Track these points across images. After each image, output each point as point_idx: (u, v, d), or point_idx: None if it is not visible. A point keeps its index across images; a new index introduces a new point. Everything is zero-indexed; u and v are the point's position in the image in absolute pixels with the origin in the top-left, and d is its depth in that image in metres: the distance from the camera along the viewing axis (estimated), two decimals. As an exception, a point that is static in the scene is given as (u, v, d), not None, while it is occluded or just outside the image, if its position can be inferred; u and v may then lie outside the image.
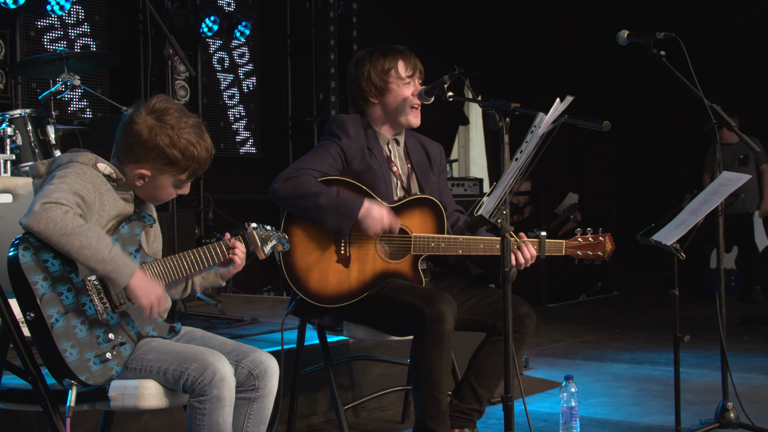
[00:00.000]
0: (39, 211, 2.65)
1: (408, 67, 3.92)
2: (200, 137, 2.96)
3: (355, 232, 3.72)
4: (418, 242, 3.78)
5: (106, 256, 2.71)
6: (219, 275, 3.19)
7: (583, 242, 3.82)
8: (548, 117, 3.02)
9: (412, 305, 3.57)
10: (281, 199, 3.71)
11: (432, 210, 3.83)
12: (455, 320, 3.57)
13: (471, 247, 3.76)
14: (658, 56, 4.03)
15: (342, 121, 3.90)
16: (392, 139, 3.99)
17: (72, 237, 2.66)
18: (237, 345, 3.06)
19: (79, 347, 2.71)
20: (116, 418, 3.34)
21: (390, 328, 3.84)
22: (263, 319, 5.68)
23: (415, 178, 3.98)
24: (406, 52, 3.95)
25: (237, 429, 2.97)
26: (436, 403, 3.58)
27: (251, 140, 8.95)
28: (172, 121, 2.92)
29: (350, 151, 3.84)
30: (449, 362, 3.64)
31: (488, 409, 4.57)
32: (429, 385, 3.57)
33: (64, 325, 2.70)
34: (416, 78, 3.94)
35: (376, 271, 3.78)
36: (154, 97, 2.96)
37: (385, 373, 4.86)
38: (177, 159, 2.92)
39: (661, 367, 5.96)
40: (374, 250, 3.79)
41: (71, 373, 2.70)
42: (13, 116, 5.10)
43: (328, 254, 3.76)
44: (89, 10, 7.45)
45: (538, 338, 7.17)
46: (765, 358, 6.20)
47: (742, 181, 3.85)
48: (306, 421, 4.57)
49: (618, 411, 4.85)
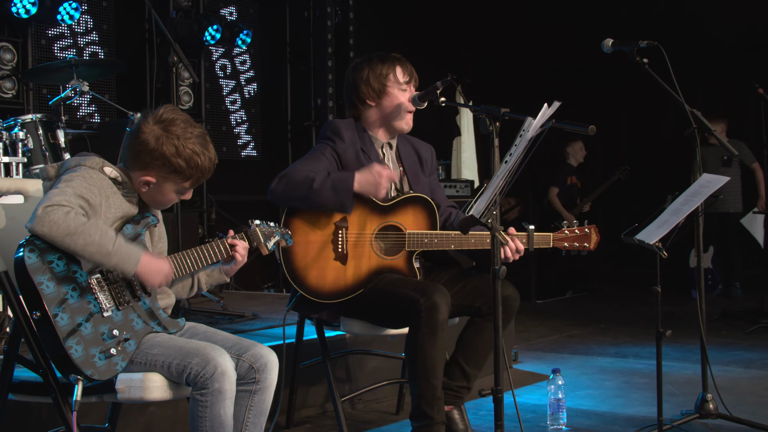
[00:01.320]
0: (41, 215, 2.65)
1: (405, 73, 3.92)
2: (205, 147, 2.96)
3: (351, 228, 3.72)
4: (412, 238, 3.78)
5: (111, 249, 2.71)
6: (223, 272, 3.19)
7: (569, 234, 3.83)
8: (536, 121, 3.02)
9: (407, 297, 3.58)
10: (279, 198, 3.70)
11: (424, 207, 3.84)
12: (449, 310, 3.58)
13: (463, 242, 3.76)
14: (641, 63, 4.04)
15: (336, 125, 3.90)
16: (386, 143, 3.99)
17: (76, 236, 2.66)
18: (238, 340, 3.06)
19: (84, 344, 2.71)
20: (123, 410, 3.35)
21: (386, 321, 3.84)
22: (264, 314, 5.68)
23: (407, 180, 3.99)
24: (403, 60, 3.96)
25: (238, 420, 2.97)
26: (432, 389, 3.60)
27: (252, 144, 8.94)
28: (178, 132, 2.91)
29: (345, 154, 3.84)
30: (443, 351, 3.65)
31: (479, 401, 4.60)
32: (425, 372, 3.58)
33: (70, 323, 2.70)
34: (412, 84, 3.95)
35: (372, 267, 3.78)
36: (162, 107, 2.95)
37: (380, 366, 4.86)
38: (182, 168, 2.92)
39: (644, 361, 5.97)
40: (370, 247, 3.79)
41: (77, 368, 2.69)
42: (25, 121, 5.10)
43: (326, 252, 3.76)
44: (98, 19, 7.45)
45: (527, 333, 7.17)
46: (742, 352, 6.21)
47: (721, 182, 3.85)
48: (305, 412, 4.58)
49: (603, 402, 4.86)
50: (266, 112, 9.17)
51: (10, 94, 6.53)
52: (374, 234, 3.78)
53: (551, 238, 3.82)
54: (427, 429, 3.61)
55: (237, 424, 2.96)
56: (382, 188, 3.66)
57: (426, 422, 3.61)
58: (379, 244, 3.81)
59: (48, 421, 3.47)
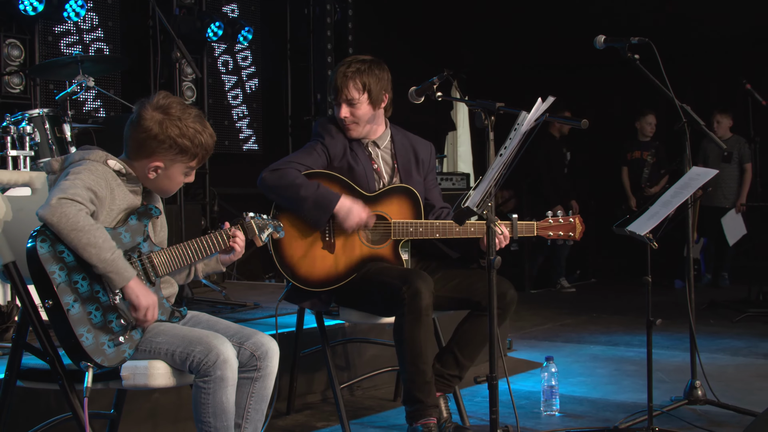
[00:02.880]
0: (55, 204, 2.65)
1: (335, 88, 3.93)
2: (204, 125, 2.99)
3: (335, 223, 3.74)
4: (397, 227, 3.79)
5: (108, 257, 2.71)
6: (220, 262, 3.20)
7: (553, 223, 3.81)
8: (531, 115, 3.02)
9: (390, 285, 3.60)
10: (267, 188, 3.77)
11: (409, 198, 3.85)
12: (432, 296, 3.58)
13: (447, 231, 3.76)
14: (632, 60, 4.03)
15: (325, 123, 3.98)
16: (371, 141, 4.00)
17: (81, 233, 2.67)
18: (240, 328, 3.06)
19: (94, 332, 2.71)
20: (128, 396, 3.35)
21: (374, 308, 3.84)
22: (264, 304, 5.68)
23: (399, 177, 3.99)
24: (341, 72, 3.95)
25: (240, 406, 2.97)
26: (421, 374, 3.61)
27: (253, 138, 8.93)
28: (177, 113, 2.94)
29: (333, 149, 3.90)
30: (430, 335, 3.66)
31: (474, 388, 4.60)
32: (413, 358, 3.59)
33: (80, 311, 2.70)
34: (341, 98, 3.90)
35: (359, 256, 3.80)
36: (156, 95, 2.98)
37: (378, 354, 4.87)
38: (187, 147, 2.94)
39: (634, 349, 5.97)
40: (357, 237, 3.80)
41: (87, 356, 2.70)
42: (32, 115, 5.09)
43: (315, 242, 3.78)
44: (103, 16, 7.43)
45: (521, 322, 7.18)
46: (730, 340, 6.22)
47: (710, 175, 3.85)
48: (304, 399, 4.58)
49: (595, 389, 4.86)
50: (267, 107, 9.15)
51: (18, 89, 6.52)
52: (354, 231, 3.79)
53: (535, 227, 3.82)
54: (419, 413, 3.61)
55: (239, 410, 2.97)
56: (352, 226, 3.72)
57: (417, 406, 3.61)
58: (366, 234, 3.82)
59: (55, 407, 3.47)
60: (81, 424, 2.78)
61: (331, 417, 4.33)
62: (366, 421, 4.31)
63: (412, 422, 3.63)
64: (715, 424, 4.04)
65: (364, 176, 3.87)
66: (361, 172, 3.87)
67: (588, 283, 10.19)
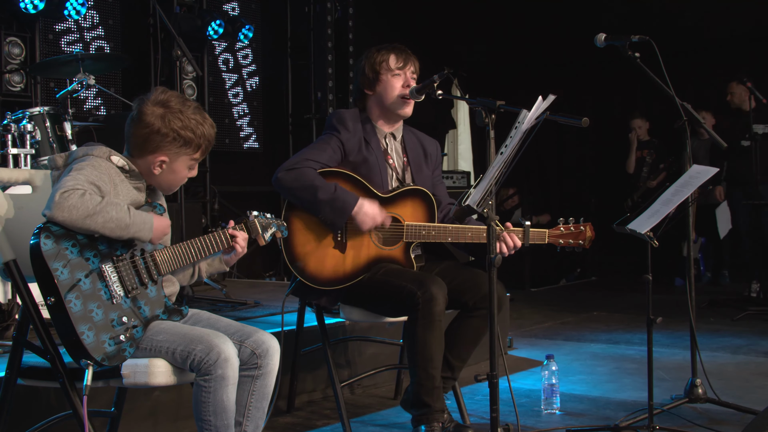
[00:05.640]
0: (59, 200, 2.65)
1: (399, 59, 3.90)
2: (203, 116, 3.01)
3: (350, 223, 3.73)
4: (410, 230, 3.78)
5: (128, 221, 2.75)
6: (223, 261, 3.20)
7: (565, 231, 3.81)
8: (531, 114, 3.02)
9: (405, 288, 3.58)
10: (284, 189, 3.72)
11: (423, 200, 3.83)
12: (446, 301, 3.57)
13: (460, 235, 3.76)
14: (633, 58, 4.02)
15: (341, 115, 3.91)
16: (389, 133, 3.98)
17: (95, 216, 2.68)
18: (241, 326, 3.06)
19: (95, 330, 2.71)
20: (129, 394, 3.35)
21: (384, 310, 3.83)
22: (265, 302, 5.68)
23: (410, 171, 3.98)
24: (399, 48, 3.94)
25: (241, 404, 2.97)
26: (430, 379, 3.60)
27: (254, 136, 8.93)
28: (177, 107, 2.95)
29: (348, 143, 3.85)
30: (441, 341, 3.64)
31: (475, 386, 4.60)
32: (423, 362, 3.58)
33: (82, 309, 2.70)
34: (408, 70, 3.91)
35: (370, 257, 3.78)
36: (153, 92, 2.99)
37: (379, 352, 4.87)
38: (191, 139, 2.96)
39: (635, 347, 5.97)
40: (369, 237, 3.78)
41: (88, 354, 2.69)
42: (33, 113, 5.09)
43: (326, 240, 3.76)
44: (103, 14, 7.43)
45: (521, 320, 7.18)
46: (730, 338, 6.22)
47: (710, 173, 3.84)
48: (305, 397, 4.58)
49: (595, 387, 4.86)
50: (267, 105, 9.16)
51: (19, 87, 6.52)
52: (371, 231, 3.78)
53: (546, 235, 3.81)
54: (426, 417, 3.61)
55: (240, 408, 2.96)
56: (369, 227, 3.72)
57: (425, 410, 3.61)
58: (377, 235, 3.80)
59: (56, 405, 3.47)
60: (81, 422, 2.78)
61: (332, 415, 4.33)
62: (366, 420, 4.30)
63: (418, 426, 3.62)
64: (715, 423, 4.03)
65: (377, 169, 3.84)
66: (375, 165, 3.84)
67: (588, 281, 10.18)
